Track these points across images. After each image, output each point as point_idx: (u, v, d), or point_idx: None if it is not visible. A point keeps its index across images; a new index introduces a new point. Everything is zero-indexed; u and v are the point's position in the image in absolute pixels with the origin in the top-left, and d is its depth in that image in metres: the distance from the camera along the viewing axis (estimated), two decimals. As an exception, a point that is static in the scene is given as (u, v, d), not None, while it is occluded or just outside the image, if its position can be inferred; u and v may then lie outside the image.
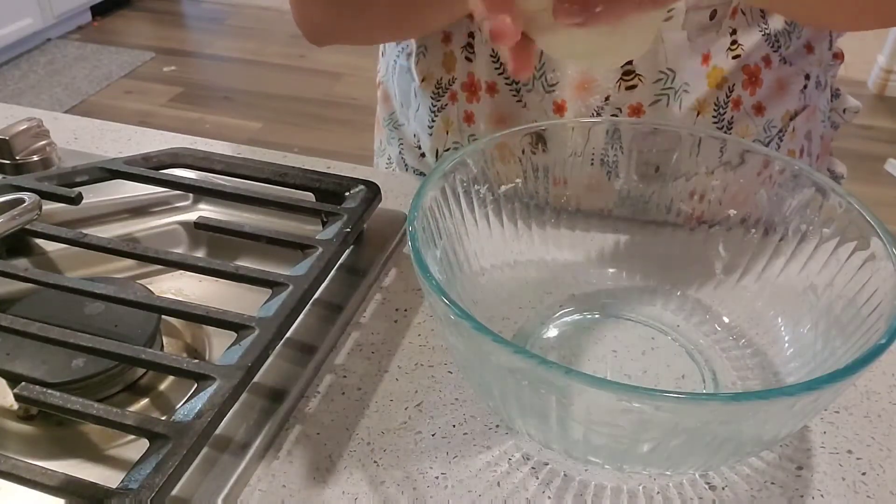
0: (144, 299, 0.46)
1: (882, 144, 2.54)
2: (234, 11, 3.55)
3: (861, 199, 0.42)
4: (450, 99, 0.64)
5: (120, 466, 0.41)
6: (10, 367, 0.43)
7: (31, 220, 0.51)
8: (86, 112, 2.62)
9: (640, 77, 0.57)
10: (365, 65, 2.85)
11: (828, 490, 0.40)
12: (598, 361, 0.47)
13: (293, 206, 0.54)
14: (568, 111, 0.58)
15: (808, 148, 0.66)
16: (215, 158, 0.58)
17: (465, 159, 0.46)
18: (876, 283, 0.39)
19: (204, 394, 0.39)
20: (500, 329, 0.48)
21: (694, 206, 0.51)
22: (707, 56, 0.57)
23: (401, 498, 0.39)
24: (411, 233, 0.40)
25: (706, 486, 0.40)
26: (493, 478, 0.40)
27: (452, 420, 0.44)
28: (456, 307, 0.35)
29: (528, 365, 0.33)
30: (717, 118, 0.59)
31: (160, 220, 0.59)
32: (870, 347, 0.34)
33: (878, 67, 2.85)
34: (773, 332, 0.47)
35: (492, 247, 0.50)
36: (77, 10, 3.25)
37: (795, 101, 0.62)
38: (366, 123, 0.85)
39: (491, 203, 0.49)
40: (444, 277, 0.43)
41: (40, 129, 0.61)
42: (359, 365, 0.47)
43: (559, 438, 0.38)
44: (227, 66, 3.09)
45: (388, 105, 0.74)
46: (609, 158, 0.51)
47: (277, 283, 0.47)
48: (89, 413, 0.38)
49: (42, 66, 2.96)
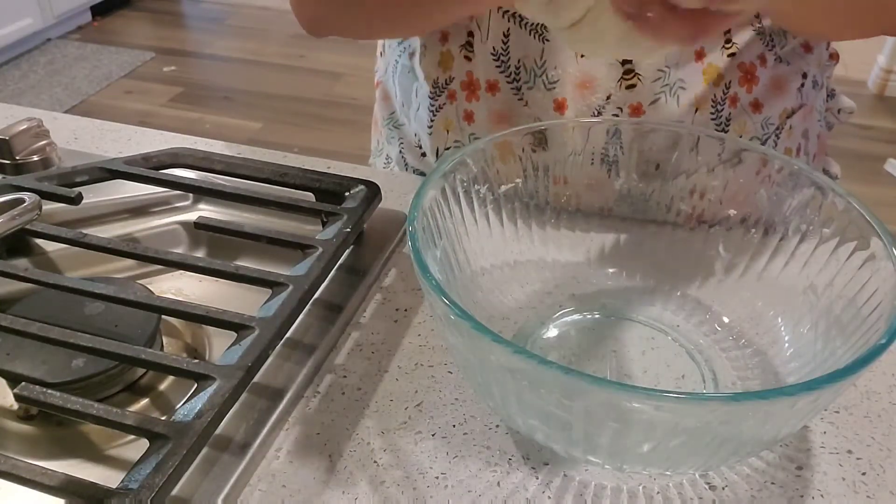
0: (144, 299, 0.46)
1: (882, 144, 2.54)
2: (234, 11, 3.54)
3: (861, 199, 0.42)
4: (448, 98, 0.64)
5: (120, 466, 0.41)
6: (10, 367, 0.43)
7: (31, 220, 0.51)
8: (86, 112, 2.62)
9: (639, 76, 0.57)
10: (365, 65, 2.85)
11: (828, 490, 0.40)
12: (598, 361, 0.47)
13: (293, 206, 0.54)
14: (569, 110, 0.59)
15: (805, 147, 0.66)
16: (215, 158, 0.58)
17: (465, 159, 0.46)
18: (876, 283, 0.39)
19: (204, 394, 0.39)
20: (500, 329, 0.48)
21: (694, 205, 0.51)
22: (700, 52, 0.57)
23: (401, 498, 0.39)
24: (411, 233, 0.40)
25: (706, 486, 0.40)
26: (493, 478, 0.40)
27: (452, 420, 0.44)
28: (456, 307, 0.35)
29: (528, 365, 0.33)
30: (714, 115, 0.59)
31: (160, 220, 0.59)
32: (870, 347, 0.34)
33: (877, 67, 2.85)
34: (773, 332, 0.47)
35: (492, 247, 0.50)
36: (77, 10, 3.25)
37: (793, 100, 0.62)
38: (366, 123, 0.85)
39: (491, 203, 0.49)
40: (444, 277, 0.43)
41: (40, 129, 0.61)
42: (359, 365, 0.47)
43: (559, 438, 0.38)
44: (227, 66, 3.09)
45: (388, 105, 0.74)
46: (609, 156, 0.51)
47: (277, 283, 0.47)
48: (89, 413, 0.38)
49: (42, 66, 2.96)
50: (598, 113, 0.58)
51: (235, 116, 2.70)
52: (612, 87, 0.57)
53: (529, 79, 0.59)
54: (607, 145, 0.51)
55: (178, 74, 2.99)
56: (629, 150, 0.51)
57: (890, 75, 2.83)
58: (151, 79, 2.95)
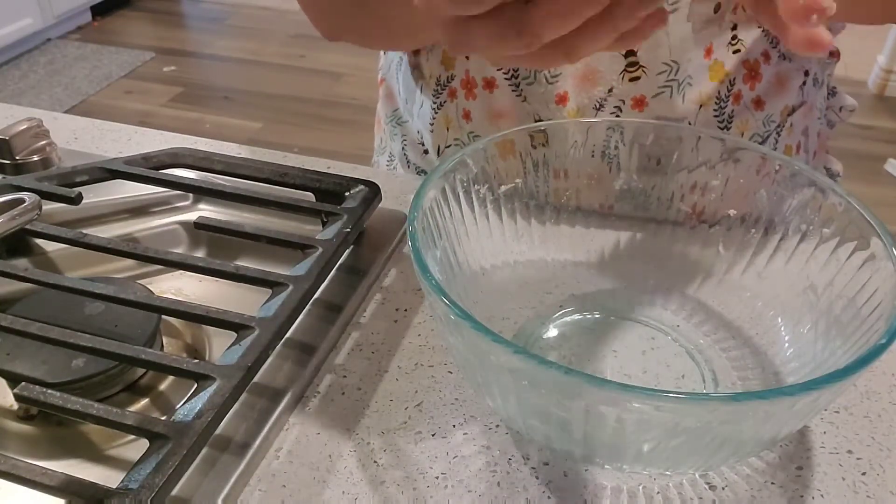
0: (144, 299, 0.46)
1: (882, 144, 2.54)
2: (234, 11, 3.55)
3: (861, 199, 0.42)
4: (449, 96, 0.64)
5: (120, 466, 0.41)
6: (10, 367, 0.43)
7: (31, 220, 0.51)
8: (86, 112, 2.62)
9: (643, 69, 0.57)
10: (365, 65, 2.85)
11: (828, 490, 0.40)
12: (598, 361, 0.47)
13: (293, 206, 0.54)
14: (570, 103, 0.58)
15: (805, 144, 0.66)
16: (215, 158, 0.58)
17: (465, 159, 0.46)
18: (876, 283, 0.39)
19: (204, 394, 0.39)
20: (500, 329, 0.48)
21: (695, 202, 0.51)
22: (709, 49, 0.57)
23: (401, 498, 0.39)
24: (411, 233, 0.40)
25: (706, 486, 0.40)
26: (493, 478, 0.40)
27: (452, 420, 0.44)
28: (456, 307, 0.35)
29: (528, 365, 0.33)
30: (718, 112, 0.59)
31: (160, 220, 0.59)
32: (870, 347, 0.34)
33: (878, 67, 2.85)
34: (773, 332, 0.47)
35: (492, 247, 0.50)
36: (77, 10, 3.25)
37: (794, 97, 0.62)
38: (366, 123, 0.86)
39: (491, 203, 0.49)
40: (444, 277, 0.43)
41: (40, 129, 0.61)
42: (359, 365, 0.47)
43: (559, 438, 0.38)
44: (227, 66, 3.09)
45: (392, 102, 0.74)
46: (610, 151, 0.51)
47: (277, 283, 0.47)
48: (89, 413, 0.38)
49: (42, 66, 2.96)
50: (600, 106, 0.58)
51: (235, 116, 2.70)
52: (614, 79, 0.57)
53: (529, 74, 0.59)
54: (608, 139, 0.51)
55: (178, 74, 2.99)
56: (630, 145, 0.51)
57: (890, 75, 2.83)
58: (151, 79, 2.95)
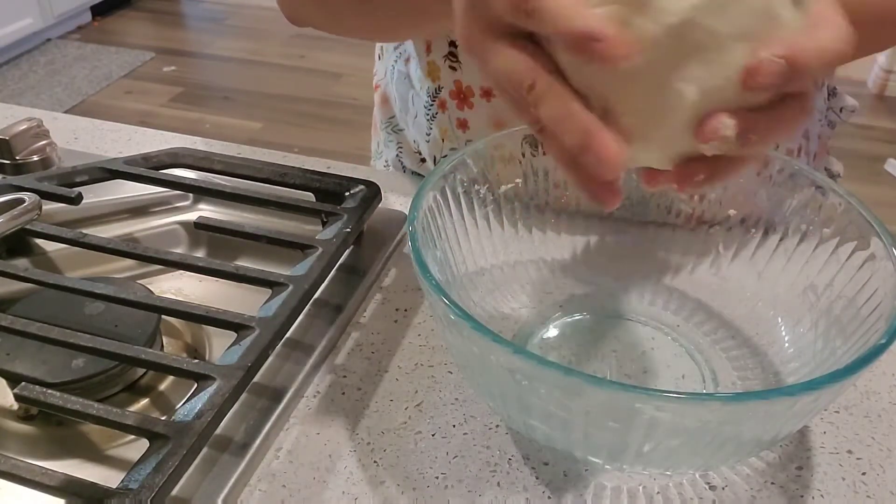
0: (144, 299, 0.46)
1: (882, 144, 2.54)
2: (234, 11, 3.54)
3: (861, 199, 0.42)
4: (440, 107, 0.63)
5: (120, 466, 0.41)
6: (10, 367, 0.43)
7: (31, 220, 0.51)
8: (86, 112, 2.62)
9: None
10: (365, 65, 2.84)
11: (828, 490, 0.40)
12: (598, 361, 0.47)
13: (293, 206, 0.54)
14: None
15: (806, 147, 0.66)
16: (215, 158, 0.58)
17: (466, 160, 0.46)
18: (876, 283, 0.39)
19: (204, 394, 0.39)
20: (500, 329, 0.48)
21: (694, 206, 0.51)
22: None
23: (401, 498, 0.39)
24: (411, 233, 0.40)
25: (706, 486, 0.40)
26: (493, 478, 0.40)
27: (452, 420, 0.44)
28: (456, 307, 0.35)
29: (528, 365, 0.33)
30: None
31: (160, 220, 0.59)
32: (870, 347, 0.34)
33: (877, 67, 2.85)
34: (773, 332, 0.47)
35: (492, 247, 0.50)
36: (77, 10, 3.25)
37: None
38: (366, 123, 0.85)
39: (491, 203, 0.49)
40: (444, 277, 0.43)
41: (40, 129, 0.61)
42: (359, 365, 0.47)
43: (559, 438, 0.38)
44: (226, 66, 3.09)
45: (387, 109, 0.73)
46: None
47: (277, 283, 0.47)
48: (89, 413, 0.38)
49: (42, 66, 2.96)
50: None
51: (235, 116, 2.70)
52: None
53: None
54: None
55: (178, 74, 2.99)
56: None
57: (890, 75, 2.83)
58: (151, 79, 2.95)
